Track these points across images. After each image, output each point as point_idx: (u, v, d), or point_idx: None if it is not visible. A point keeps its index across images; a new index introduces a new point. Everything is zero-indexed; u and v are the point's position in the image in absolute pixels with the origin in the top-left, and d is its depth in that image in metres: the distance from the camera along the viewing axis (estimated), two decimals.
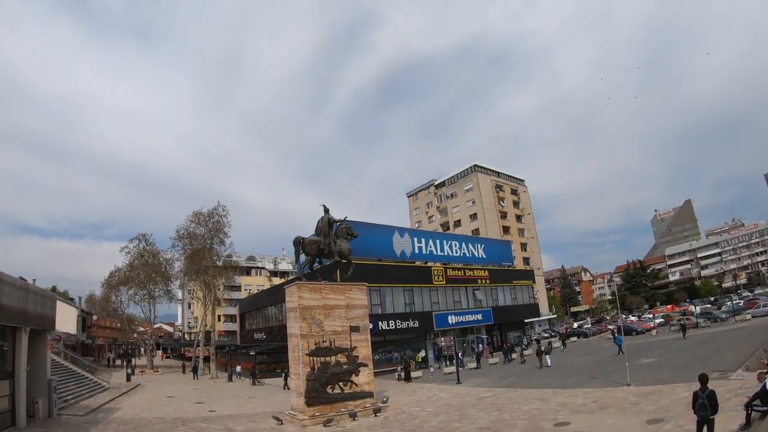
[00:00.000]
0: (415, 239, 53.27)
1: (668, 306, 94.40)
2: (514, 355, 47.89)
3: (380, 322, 43.99)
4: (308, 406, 22.62)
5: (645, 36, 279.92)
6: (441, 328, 50.04)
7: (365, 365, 24.99)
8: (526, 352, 47.35)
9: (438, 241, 56.56)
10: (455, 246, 58.35)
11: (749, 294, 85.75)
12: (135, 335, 80.00)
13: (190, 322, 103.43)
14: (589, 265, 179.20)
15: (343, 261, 27.26)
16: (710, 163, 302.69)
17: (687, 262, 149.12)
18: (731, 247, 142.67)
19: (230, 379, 49.33)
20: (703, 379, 11.92)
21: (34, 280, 23.26)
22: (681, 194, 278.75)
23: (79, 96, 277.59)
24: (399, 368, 40.89)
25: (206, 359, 57.89)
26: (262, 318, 65.35)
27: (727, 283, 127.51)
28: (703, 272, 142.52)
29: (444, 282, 52.65)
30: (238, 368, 48.28)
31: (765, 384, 12.65)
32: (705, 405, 11.41)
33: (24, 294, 20.27)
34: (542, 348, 39.73)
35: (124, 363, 57.99)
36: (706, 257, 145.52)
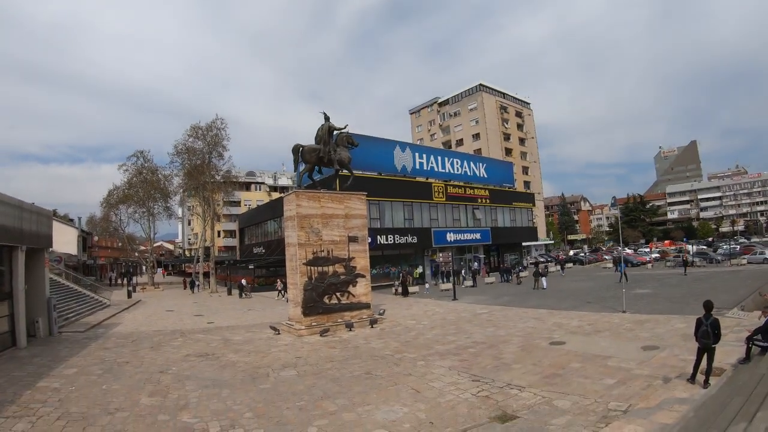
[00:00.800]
0: (417, 155, 52.44)
1: (666, 241, 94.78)
2: (511, 276, 48.35)
3: (379, 237, 43.93)
4: (305, 316, 22.64)
5: None
6: (439, 245, 49.96)
7: (363, 276, 24.90)
8: (522, 274, 47.67)
9: (439, 158, 55.76)
10: (457, 164, 57.58)
11: (745, 240, 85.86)
12: (136, 254, 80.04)
13: (190, 239, 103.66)
14: (588, 196, 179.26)
15: (343, 170, 26.68)
16: (719, 109, 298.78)
17: (687, 202, 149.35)
18: (732, 193, 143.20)
19: (230, 292, 49.79)
20: (708, 306, 11.55)
21: (32, 203, 22.62)
22: (687, 136, 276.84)
23: (71, 20, 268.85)
24: (396, 283, 41.14)
25: (206, 275, 58.25)
26: (261, 232, 65.43)
27: (725, 228, 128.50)
28: (702, 214, 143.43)
29: (444, 199, 52.29)
30: (244, 281, 48.41)
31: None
32: (708, 333, 11.11)
33: (18, 212, 19.82)
34: (540, 270, 39.87)
35: (126, 281, 58.19)
36: (707, 199, 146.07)
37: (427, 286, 42.51)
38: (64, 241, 54.82)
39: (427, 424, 9.90)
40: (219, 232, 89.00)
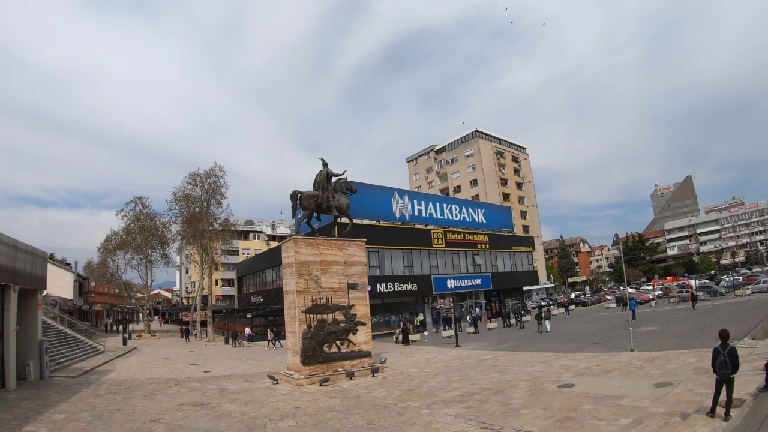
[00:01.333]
0: (415, 201, 52.42)
1: (668, 278, 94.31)
2: (512, 321, 47.72)
3: (378, 285, 43.44)
4: (304, 365, 21.96)
5: (652, 12, 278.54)
6: (440, 291, 49.43)
7: (363, 324, 24.33)
8: (524, 318, 46.84)
9: (438, 204, 55.68)
10: (455, 210, 57.55)
11: (747, 271, 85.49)
12: (133, 301, 79.34)
13: (188, 287, 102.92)
14: (587, 238, 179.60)
15: (342, 218, 26.48)
16: (713, 144, 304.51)
17: (686, 237, 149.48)
18: (730, 225, 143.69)
19: (227, 342, 48.68)
20: (724, 335, 11.28)
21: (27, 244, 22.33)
22: (682, 172, 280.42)
23: (76, 66, 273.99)
24: (397, 331, 40.51)
25: (203, 323, 57.48)
26: (259, 281, 64.84)
27: (725, 260, 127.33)
28: (702, 248, 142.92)
29: (443, 245, 52.01)
30: (248, 330, 47.54)
31: None
32: (726, 362, 10.79)
33: (12, 251, 19.43)
34: (542, 313, 39.31)
35: (122, 328, 57.44)
36: (705, 233, 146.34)
37: (426, 333, 41.54)
38: (60, 285, 54.46)
39: None
40: (217, 281, 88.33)
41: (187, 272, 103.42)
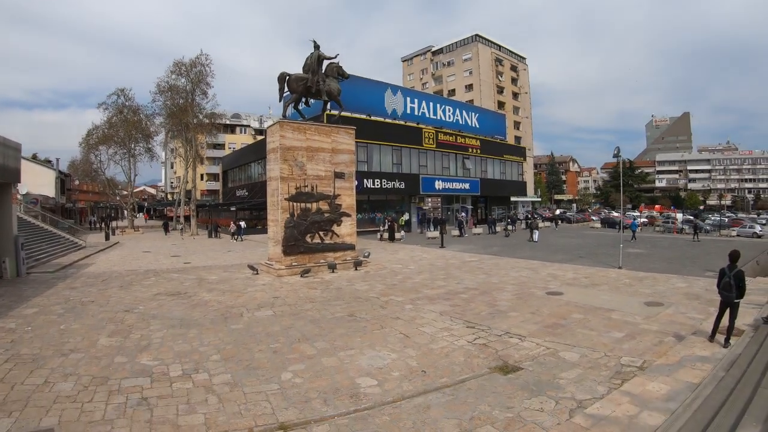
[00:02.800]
0: (408, 99, 50.80)
1: (656, 206, 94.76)
2: (498, 228, 47.60)
3: (365, 180, 42.54)
4: (285, 255, 21.24)
5: None
6: (427, 192, 48.71)
7: (348, 215, 23.40)
8: (510, 227, 46.82)
9: (431, 104, 54.11)
10: (449, 111, 55.98)
11: (732, 215, 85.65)
12: (118, 198, 77.44)
13: (173, 183, 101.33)
14: (577, 158, 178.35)
15: (332, 111, 25.12)
16: (714, 86, 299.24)
17: (676, 171, 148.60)
18: (722, 167, 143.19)
19: (210, 235, 48.06)
20: (734, 256, 10.51)
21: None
22: (679, 109, 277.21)
23: None
24: (382, 228, 39.93)
25: (187, 218, 56.45)
26: (244, 175, 63.61)
27: (712, 201, 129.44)
28: (690, 185, 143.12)
29: (434, 145, 50.75)
30: (243, 224, 46.54)
31: None
32: (730, 285, 10.09)
33: None
34: (533, 222, 39.79)
35: (105, 224, 56.41)
36: (696, 171, 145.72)
37: (402, 233, 41.08)
38: (41, 183, 53.14)
39: (419, 373, 8.71)
40: (202, 176, 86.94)
41: (172, 167, 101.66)
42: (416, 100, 52.01)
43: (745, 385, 7.50)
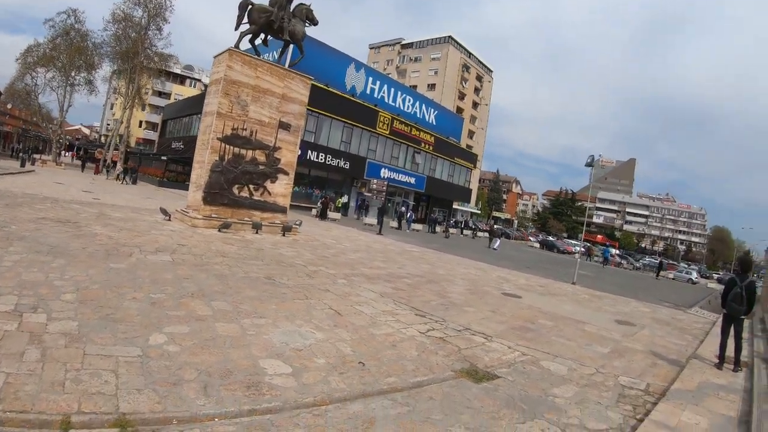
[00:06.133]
0: (370, 79, 48.11)
1: (599, 236, 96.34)
2: (438, 229, 46.07)
3: (310, 152, 39.52)
4: (206, 204, 18.04)
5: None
6: (371, 178, 45.82)
7: (286, 173, 20.36)
8: (451, 230, 45.09)
9: (392, 90, 51.59)
10: (408, 101, 53.64)
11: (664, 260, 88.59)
12: (49, 129, 70.97)
13: (109, 124, 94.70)
14: (520, 182, 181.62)
15: (294, 50, 22.09)
16: (662, 143, 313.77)
17: (614, 211, 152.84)
18: (660, 216, 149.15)
19: (135, 182, 43.77)
20: (746, 265, 8.79)
21: None
22: (625, 156, 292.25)
23: None
24: (318, 204, 36.98)
25: (116, 163, 51.73)
26: (183, 127, 58.91)
27: (644, 244, 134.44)
28: (626, 226, 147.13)
29: (387, 132, 48.09)
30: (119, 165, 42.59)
31: None
32: (741, 297, 8.22)
33: None
34: (497, 230, 40.79)
35: (28, 153, 50.81)
36: (634, 214, 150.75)
37: (338, 216, 38.16)
38: None
39: (355, 365, 6.09)
40: (141, 122, 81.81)
41: (111, 108, 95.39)
42: (378, 82, 49.44)
43: None
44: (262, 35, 20.66)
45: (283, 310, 8.12)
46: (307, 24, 21.52)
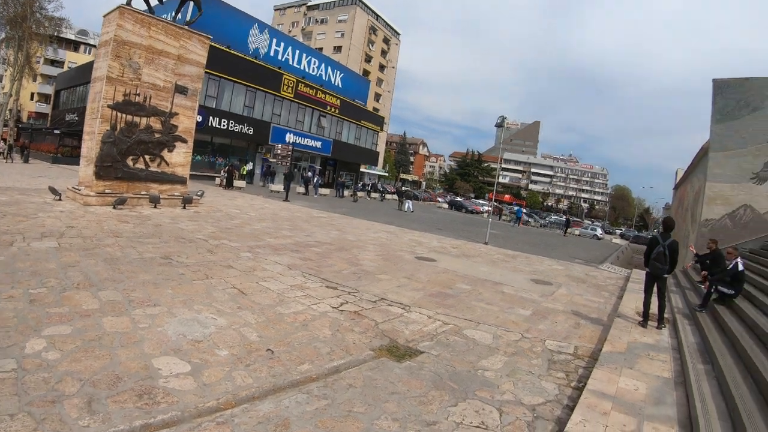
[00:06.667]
0: (275, 40, 46.03)
1: (507, 196, 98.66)
2: (346, 193, 45.60)
3: (212, 118, 37.54)
4: (98, 179, 16.55)
5: None
6: (276, 143, 44.27)
7: (184, 141, 19.00)
8: (359, 193, 44.72)
9: (297, 52, 49.73)
10: (314, 63, 51.98)
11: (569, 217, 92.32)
12: None
13: None
14: (427, 144, 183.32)
15: (194, 10, 20.59)
16: (566, 106, 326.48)
17: (520, 171, 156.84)
18: (564, 176, 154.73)
19: (27, 160, 40.42)
20: (668, 224, 8.81)
21: None
22: (530, 118, 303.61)
23: None
24: (222, 173, 35.40)
25: (6, 140, 47.57)
26: (77, 97, 54.49)
27: (549, 203, 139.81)
28: (531, 186, 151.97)
29: (292, 95, 46.41)
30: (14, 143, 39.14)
31: (737, 263, 9.56)
32: (664, 255, 8.38)
33: None
34: (406, 191, 40.39)
35: None
36: (538, 174, 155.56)
37: (243, 184, 36.62)
38: None
39: (263, 354, 5.45)
40: (33, 95, 75.66)
41: (0, 80, 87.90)
42: (282, 44, 47.45)
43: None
44: None
45: (181, 294, 7.30)
46: None
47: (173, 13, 21.96)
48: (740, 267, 9.49)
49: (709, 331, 7.93)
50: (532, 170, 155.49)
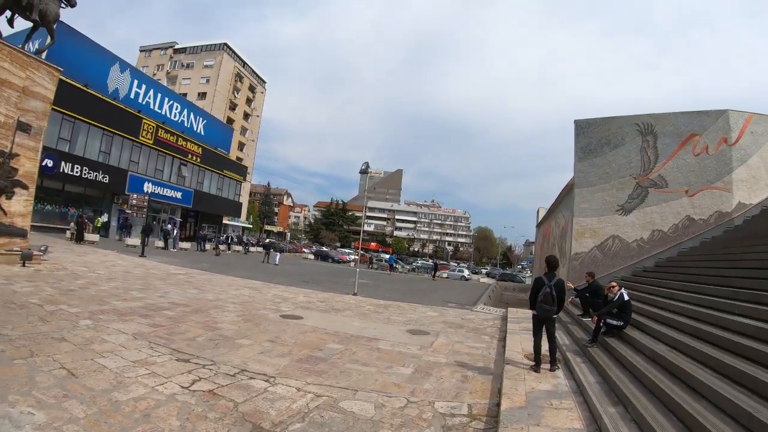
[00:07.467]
0: (136, 82, 43.71)
1: (373, 244, 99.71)
2: (208, 246, 43.49)
3: (64, 163, 34.43)
4: None
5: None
6: (133, 193, 41.66)
7: (25, 187, 16.90)
8: (221, 246, 42.89)
9: (159, 95, 47.45)
10: (176, 108, 49.92)
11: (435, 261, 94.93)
12: None
13: None
14: (291, 194, 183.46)
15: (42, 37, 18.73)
16: (425, 154, 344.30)
17: (384, 219, 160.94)
18: (427, 221, 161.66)
19: None
20: (553, 263, 8.84)
21: None
22: (393, 166, 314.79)
23: None
24: (72, 224, 32.48)
25: None
26: None
27: (414, 248, 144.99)
28: (396, 232, 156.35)
29: (152, 141, 44.06)
30: None
31: (622, 293, 9.86)
32: (551, 297, 8.37)
33: None
34: (273, 244, 40.70)
35: None
36: (403, 221, 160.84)
37: (97, 237, 33.72)
38: None
39: None
40: None
41: None
42: (144, 86, 45.11)
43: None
44: (8, 13, 17.21)
45: None
46: (63, 5, 18.60)
47: (23, 41, 19.71)
48: (626, 297, 9.78)
49: (608, 368, 7.82)
50: (397, 217, 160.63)
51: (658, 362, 7.39)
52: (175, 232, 41.11)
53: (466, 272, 61.22)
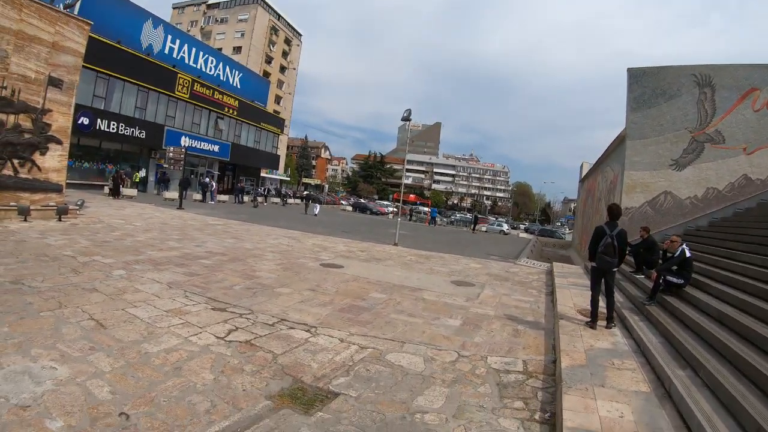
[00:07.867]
0: (170, 37, 43.29)
1: (411, 195, 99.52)
2: (246, 198, 43.50)
3: (100, 121, 34.43)
4: None
5: None
6: (171, 147, 41.56)
7: (59, 142, 16.68)
8: (259, 198, 43.35)
9: (194, 50, 47.09)
10: (211, 62, 49.51)
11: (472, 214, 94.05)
12: None
13: None
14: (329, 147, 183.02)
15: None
16: (464, 107, 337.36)
17: (423, 172, 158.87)
18: (466, 174, 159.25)
19: None
20: (615, 212, 8.09)
21: None
22: (431, 120, 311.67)
23: None
24: (110, 180, 32.54)
25: None
26: None
27: (452, 201, 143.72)
28: (434, 186, 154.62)
29: (187, 95, 43.74)
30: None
31: (683, 249, 8.94)
32: (612, 247, 7.69)
33: None
34: (312, 195, 40.20)
35: None
36: (441, 174, 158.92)
37: (135, 192, 33.94)
38: None
39: (114, 419, 3.84)
40: None
41: None
42: (178, 41, 44.67)
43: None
44: None
45: (19, 332, 5.43)
46: None
47: None
48: (687, 254, 8.90)
49: (672, 328, 7.12)
50: (435, 170, 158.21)
51: (725, 324, 6.69)
52: (213, 185, 41.07)
53: (506, 226, 61.27)
